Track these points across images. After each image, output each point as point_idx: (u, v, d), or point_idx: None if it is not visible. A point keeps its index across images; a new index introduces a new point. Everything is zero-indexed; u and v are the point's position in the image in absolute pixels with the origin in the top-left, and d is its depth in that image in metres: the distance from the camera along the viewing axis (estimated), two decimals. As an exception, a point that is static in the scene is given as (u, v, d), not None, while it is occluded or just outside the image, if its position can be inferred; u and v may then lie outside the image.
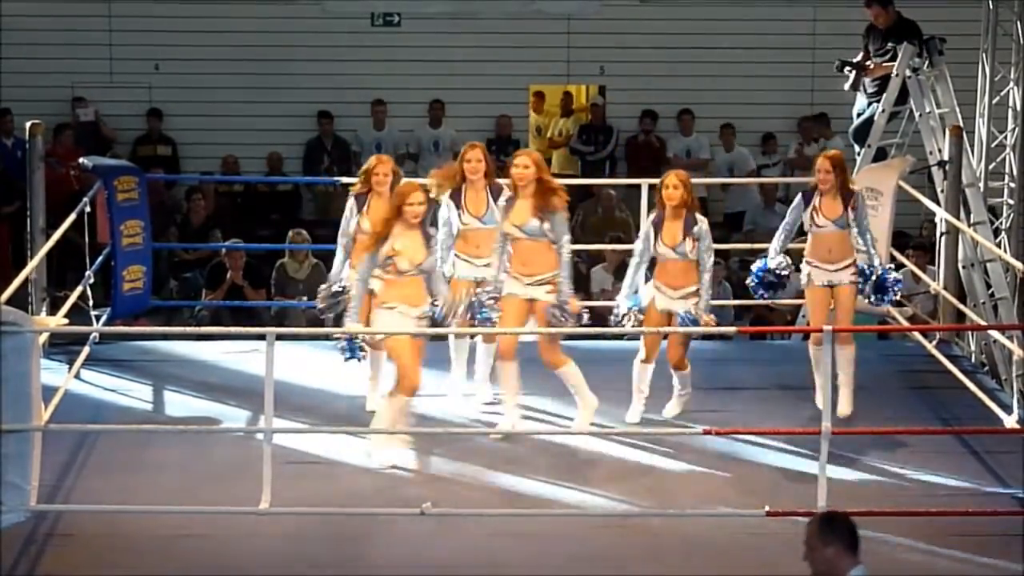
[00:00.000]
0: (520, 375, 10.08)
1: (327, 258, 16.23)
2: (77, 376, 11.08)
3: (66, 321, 10.73)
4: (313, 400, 10.78)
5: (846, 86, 13.61)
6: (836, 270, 10.52)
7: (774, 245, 10.71)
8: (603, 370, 10.55)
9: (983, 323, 12.24)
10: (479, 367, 10.73)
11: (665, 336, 10.19)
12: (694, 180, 18.21)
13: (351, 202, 10.64)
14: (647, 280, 10.28)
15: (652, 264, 10.28)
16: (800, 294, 13.33)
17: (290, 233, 15.31)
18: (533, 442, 9.99)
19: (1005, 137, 13.69)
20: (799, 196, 10.68)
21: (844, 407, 10.36)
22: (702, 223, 10.20)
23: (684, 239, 10.14)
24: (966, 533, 8.94)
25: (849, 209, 10.47)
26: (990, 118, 13.61)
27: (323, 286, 10.71)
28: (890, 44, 13.30)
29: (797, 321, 13.15)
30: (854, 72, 13.50)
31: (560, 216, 9.92)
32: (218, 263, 15.09)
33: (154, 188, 14.78)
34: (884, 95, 13.17)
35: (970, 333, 12.59)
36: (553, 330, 9.81)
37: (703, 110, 18.79)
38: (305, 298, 14.72)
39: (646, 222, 10.40)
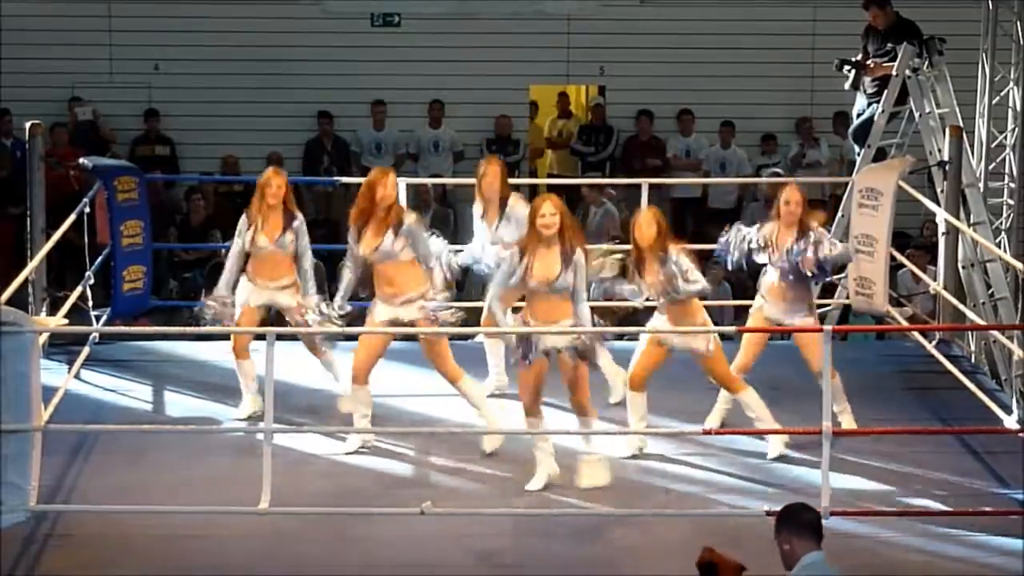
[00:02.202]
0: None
1: (326, 258, 16.33)
2: (77, 376, 11.08)
3: (66, 321, 10.74)
4: (313, 400, 10.78)
5: (846, 85, 13.60)
6: (790, 312, 10.21)
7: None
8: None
9: (983, 323, 12.24)
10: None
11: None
12: (692, 180, 18.35)
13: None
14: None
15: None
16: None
17: None
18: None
19: (1005, 137, 13.69)
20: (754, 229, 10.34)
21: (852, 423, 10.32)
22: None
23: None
24: (966, 533, 8.95)
25: (807, 247, 10.06)
26: (990, 118, 13.62)
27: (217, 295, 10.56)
28: (890, 45, 13.29)
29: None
30: (854, 71, 13.49)
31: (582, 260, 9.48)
32: (218, 263, 15.05)
33: (153, 188, 14.79)
34: (884, 95, 13.17)
35: (970, 333, 12.58)
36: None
37: (703, 110, 18.79)
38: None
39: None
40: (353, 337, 10.46)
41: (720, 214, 18.12)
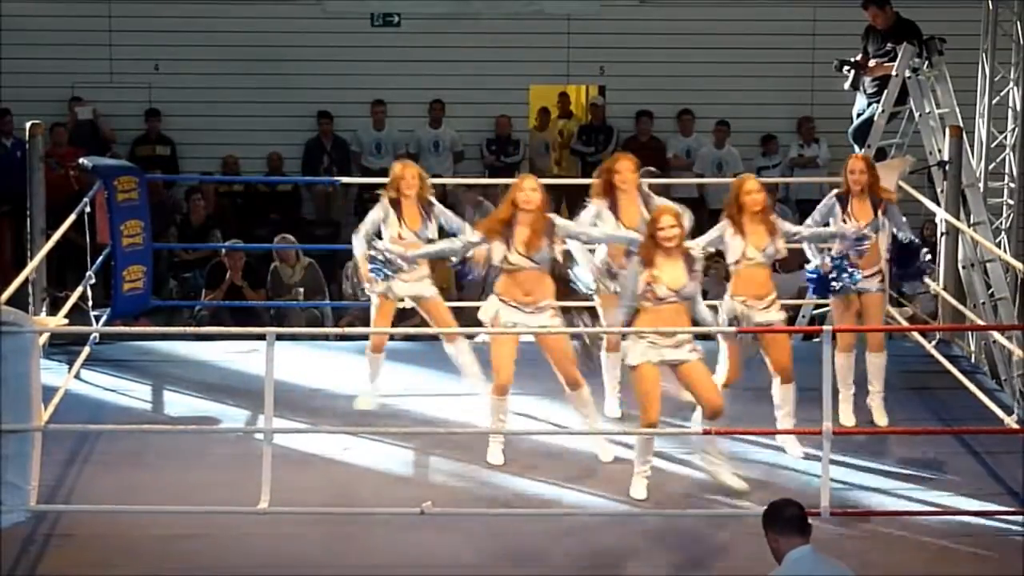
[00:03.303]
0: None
1: (328, 257, 16.33)
2: (77, 376, 11.08)
3: (66, 321, 10.74)
4: (313, 400, 10.79)
5: (846, 85, 13.60)
6: (865, 276, 10.31)
7: (809, 246, 10.42)
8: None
9: (983, 323, 12.24)
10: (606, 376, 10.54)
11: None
12: (690, 180, 18.31)
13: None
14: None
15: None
16: (800, 292, 13.36)
17: (275, 239, 15.24)
18: (533, 442, 9.99)
19: (1005, 137, 13.69)
20: (832, 196, 10.42)
21: (880, 417, 10.39)
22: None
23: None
24: (966, 533, 8.95)
25: (880, 213, 10.33)
26: (990, 118, 13.62)
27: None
28: (889, 45, 13.28)
29: (797, 321, 13.16)
30: (853, 71, 13.49)
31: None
32: (218, 263, 15.08)
33: (153, 188, 14.79)
34: (884, 95, 13.16)
35: (970, 333, 12.58)
36: (565, 330, 9.78)
37: (703, 110, 18.79)
38: (302, 297, 14.73)
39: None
40: (365, 337, 10.52)
41: (719, 214, 18.09)
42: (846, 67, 13.51)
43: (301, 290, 14.78)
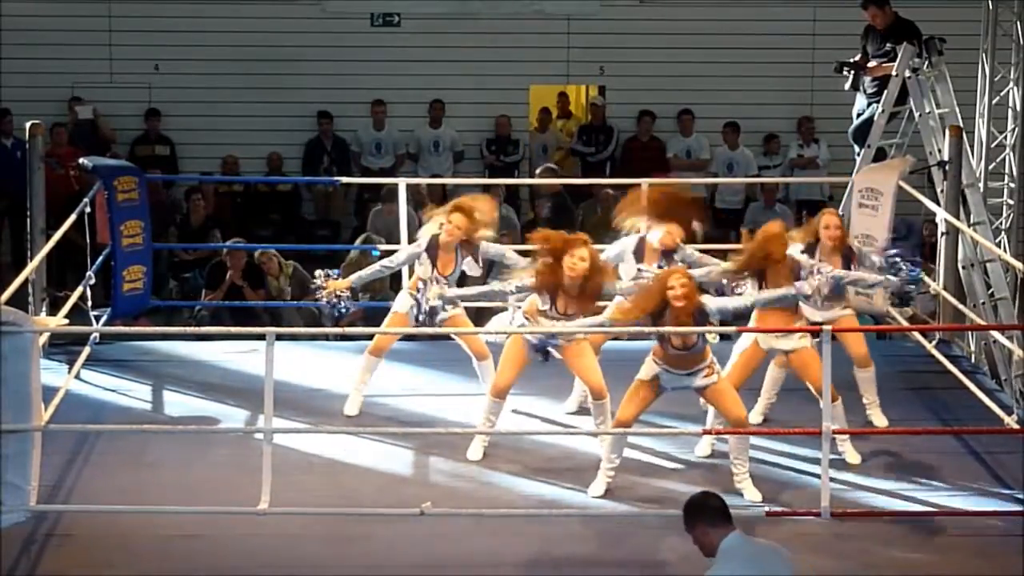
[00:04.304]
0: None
1: (327, 258, 16.31)
2: (77, 376, 11.08)
3: (66, 321, 10.74)
4: (313, 400, 10.78)
5: (846, 86, 13.59)
6: (832, 311, 10.40)
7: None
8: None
9: (983, 323, 12.24)
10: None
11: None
12: (695, 180, 18.32)
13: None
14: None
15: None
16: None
17: (256, 254, 15.20)
18: (532, 442, 9.99)
19: (1005, 137, 13.68)
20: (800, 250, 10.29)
21: (878, 420, 10.40)
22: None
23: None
24: (966, 533, 8.95)
25: (853, 265, 10.28)
26: (990, 118, 13.61)
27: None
28: (889, 45, 13.27)
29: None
30: (853, 72, 13.49)
31: None
32: (218, 263, 15.08)
33: (153, 188, 14.78)
34: (884, 95, 13.16)
35: (970, 333, 12.58)
36: (570, 329, 9.78)
37: (703, 110, 18.79)
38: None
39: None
40: (369, 337, 10.51)
41: (727, 214, 18.14)
42: (846, 68, 13.51)
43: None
